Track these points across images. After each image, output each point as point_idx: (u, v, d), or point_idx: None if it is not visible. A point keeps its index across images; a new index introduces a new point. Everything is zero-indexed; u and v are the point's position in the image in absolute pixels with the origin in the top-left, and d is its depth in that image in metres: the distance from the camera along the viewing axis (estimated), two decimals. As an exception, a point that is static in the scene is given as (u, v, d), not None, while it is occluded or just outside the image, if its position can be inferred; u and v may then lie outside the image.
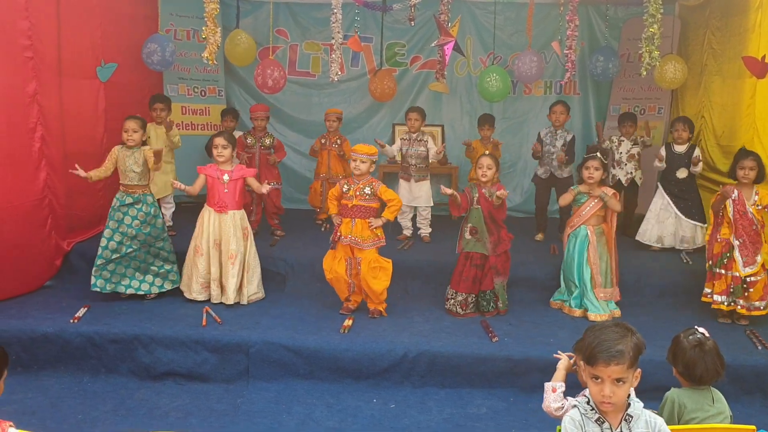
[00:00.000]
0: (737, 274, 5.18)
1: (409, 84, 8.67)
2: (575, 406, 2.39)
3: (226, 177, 5.37)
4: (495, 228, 5.26)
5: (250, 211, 6.92)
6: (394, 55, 8.64)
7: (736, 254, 5.18)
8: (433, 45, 7.31)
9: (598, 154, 5.44)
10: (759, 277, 5.17)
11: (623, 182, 6.95)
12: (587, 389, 2.78)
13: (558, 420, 2.95)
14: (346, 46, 7.03)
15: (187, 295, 5.45)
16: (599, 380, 2.30)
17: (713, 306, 5.32)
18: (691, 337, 2.90)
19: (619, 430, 2.32)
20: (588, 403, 2.36)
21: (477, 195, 5.26)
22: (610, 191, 5.41)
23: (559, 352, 3.15)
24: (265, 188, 5.60)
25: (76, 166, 5.32)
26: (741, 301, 5.21)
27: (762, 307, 5.19)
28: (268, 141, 6.90)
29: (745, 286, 5.19)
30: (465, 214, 5.36)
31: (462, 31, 8.27)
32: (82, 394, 4.45)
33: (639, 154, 6.98)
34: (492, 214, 5.22)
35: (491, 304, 5.31)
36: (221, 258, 5.36)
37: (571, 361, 3.01)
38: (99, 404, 4.32)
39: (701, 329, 2.94)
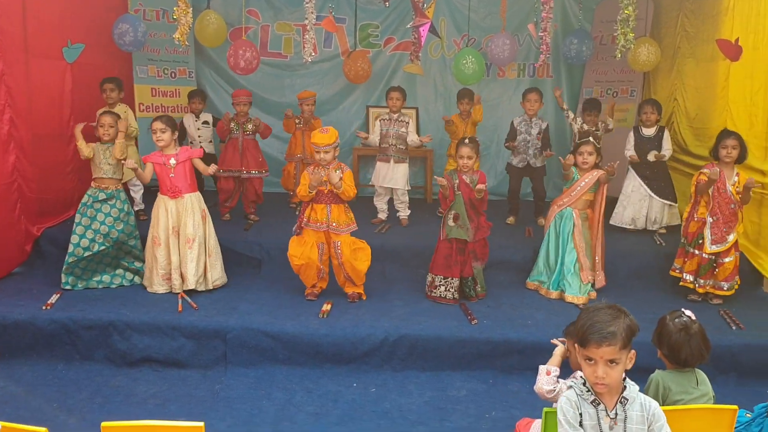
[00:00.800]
0: (705, 255, 5.28)
1: (383, 66, 8.62)
2: (571, 387, 2.40)
3: (172, 161, 5.23)
4: (474, 215, 5.25)
5: (228, 196, 6.85)
6: (367, 36, 8.56)
7: (706, 231, 5.27)
8: (408, 26, 7.24)
9: (591, 138, 5.47)
10: (730, 258, 5.26)
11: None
12: (578, 372, 2.82)
13: (543, 402, 2.98)
14: (319, 26, 6.95)
15: (149, 289, 5.30)
16: (592, 362, 2.32)
17: (681, 283, 5.44)
18: (677, 320, 2.92)
19: (614, 412, 2.34)
20: (584, 384, 2.38)
21: (458, 181, 5.25)
22: (599, 173, 5.43)
23: (556, 339, 3.17)
24: (211, 169, 5.41)
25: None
26: (701, 281, 5.32)
27: (726, 288, 5.29)
28: (250, 126, 6.81)
29: (714, 265, 5.30)
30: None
31: (436, 12, 8.21)
32: (56, 382, 4.37)
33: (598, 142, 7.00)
34: (472, 202, 5.21)
35: (472, 290, 5.33)
36: (180, 245, 5.23)
37: (566, 347, 3.04)
38: (74, 392, 4.24)
39: (688, 312, 2.96)
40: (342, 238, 5.10)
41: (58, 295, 5.05)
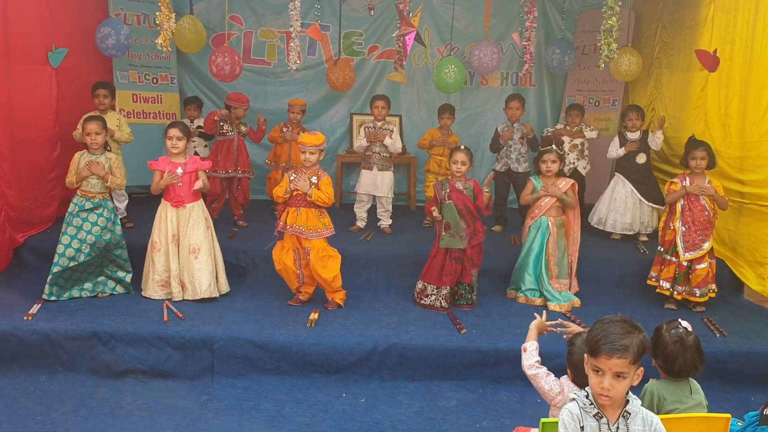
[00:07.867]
0: (684, 263, 5.35)
1: (367, 74, 8.62)
2: (574, 399, 2.40)
3: (179, 170, 5.16)
4: (471, 220, 5.24)
5: (215, 198, 6.80)
6: (351, 44, 8.56)
7: (678, 239, 5.36)
8: (394, 35, 7.26)
9: (554, 146, 5.52)
10: (703, 265, 5.35)
11: (566, 172, 7.05)
12: (563, 377, 2.85)
13: (533, 412, 3.00)
14: (303, 34, 6.92)
15: (143, 293, 5.25)
16: (600, 372, 2.32)
17: (658, 290, 5.51)
18: (673, 332, 2.94)
19: (616, 426, 2.33)
20: (587, 397, 2.38)
21: (448, 190, 5.24)
22: (568, 183, 5.50)
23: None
24: (201, 183, 5.25)
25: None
26: (679, 287, 5.40)
27: (698, 294, 5.36)
28: (244, 129, 6.84)
29: (689, 272, 5.38)
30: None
31: (420, 21, 8.24)
32: (39, 395, 4.27)
33: (583, 144, 7.09)
34: (467, 206, 5.20)
35: (470, 297, 5.33)
36: (180, 253, 5.18)
37: (545, 322, 3.09)
38: (58, 405, 4.14)
39: (684, 323, 2.98)
40: (312, 243, 5.05)
41: (40, 304, 4.94)
